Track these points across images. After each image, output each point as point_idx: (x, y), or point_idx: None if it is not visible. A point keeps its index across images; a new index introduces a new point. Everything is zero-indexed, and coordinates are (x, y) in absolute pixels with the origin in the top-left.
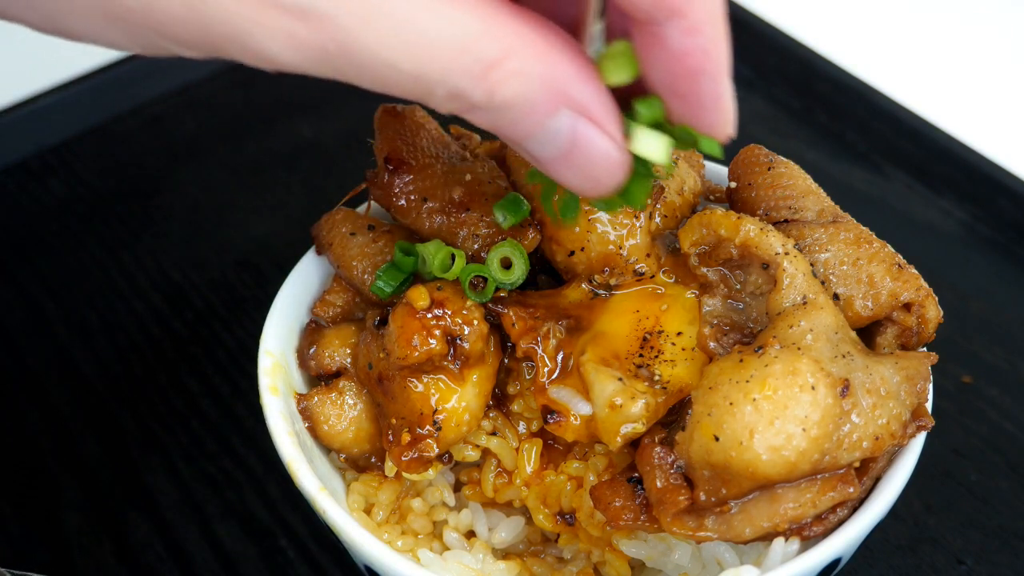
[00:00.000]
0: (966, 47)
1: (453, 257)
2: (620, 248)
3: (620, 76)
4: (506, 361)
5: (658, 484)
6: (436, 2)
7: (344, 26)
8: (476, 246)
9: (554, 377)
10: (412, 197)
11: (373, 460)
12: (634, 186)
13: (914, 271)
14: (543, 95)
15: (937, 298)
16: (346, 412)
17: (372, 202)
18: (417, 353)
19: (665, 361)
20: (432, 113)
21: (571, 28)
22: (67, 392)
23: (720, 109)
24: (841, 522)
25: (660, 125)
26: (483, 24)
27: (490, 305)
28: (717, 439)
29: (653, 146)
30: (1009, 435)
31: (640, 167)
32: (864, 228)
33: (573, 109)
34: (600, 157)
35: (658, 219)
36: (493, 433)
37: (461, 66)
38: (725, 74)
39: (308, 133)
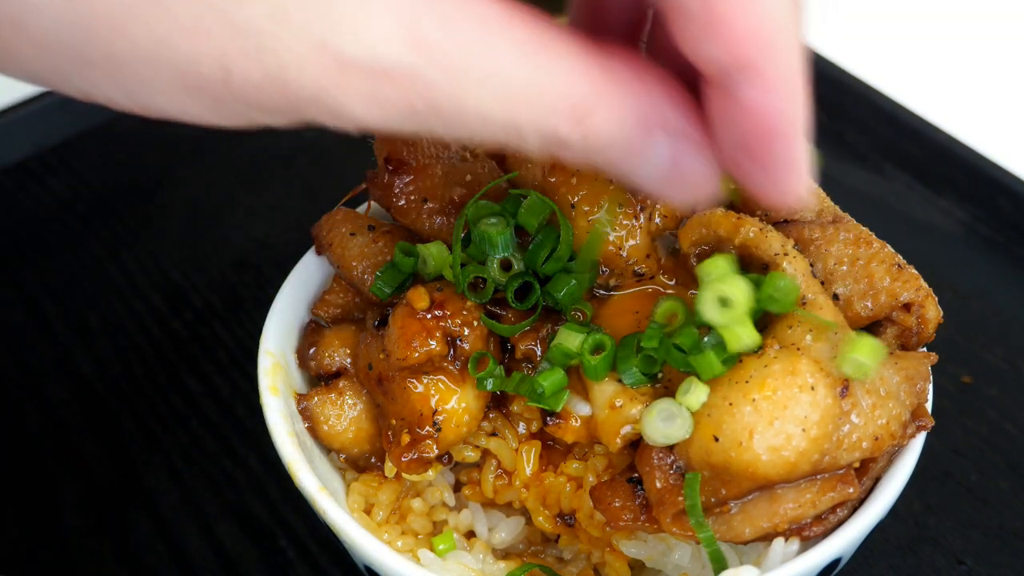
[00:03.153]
0: (966, 47)
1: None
2: (620, 249)
3: None
4: (506, 361)
5: (658, 484)
6: (523, 50)
7: (432, 82)
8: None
9: None
10: (412, 197)
11: (373, 460)
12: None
13: (914, 271)
14: (638, 131)
15: (937, 298)
16: (346, 412)
17: (372, 202)
18: (417, 354)
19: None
20: None
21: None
22: (67, 392)
23: (792, 173)
24: (841, 522)
25: None
26: (572, 68)
27: (489, 307)
28: (717, 439)
29: None
30: (1009, 435)
31: None
32: (864, 228)
33: (669, 133)
34: (701, 171)
35: (658, 219)
36: (493, 434)
37: (555, 112)
38: (800, 136)
39: (308, 133)
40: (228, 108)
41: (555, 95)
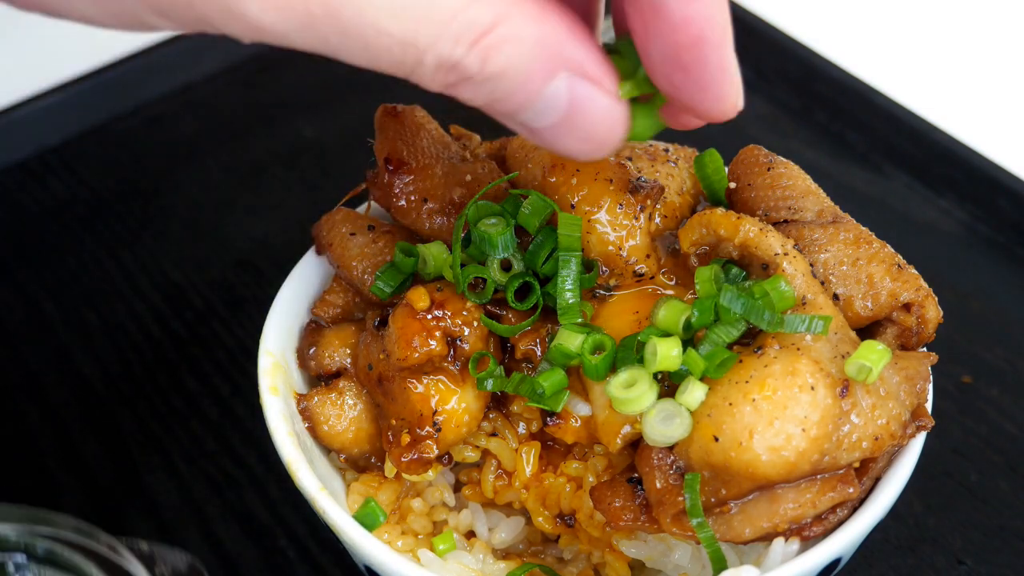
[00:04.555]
0: (966, 47)
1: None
2: (620, 249)
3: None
4: (506, 362)
5: (658, 485)
6: None
7: None
8: None
9: None
10: (412, 198)
11: (373, 460)
12: (637, 121)
13: (914, 271)
14: (539, 59)
15: (937, 298)
16: (346, 412)
17: (372, 202)
18: (417, 354)
19: None
20: (432, 113)
21: (583, 16)
22: (67, 392)
23: (727, 80)
24: (841, 522)
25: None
26: None
27: (489, 307)
28: (717, 439)
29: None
30: (1009, 435)
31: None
32: (864, 228)
33: (570, 70)
34: (601, 115)
35: (658, 220)
36: (493, 434)
37: (453, 31)
38: (729, 43)
39: (308, 133)
40: (116, 3)
41: (454, 13)
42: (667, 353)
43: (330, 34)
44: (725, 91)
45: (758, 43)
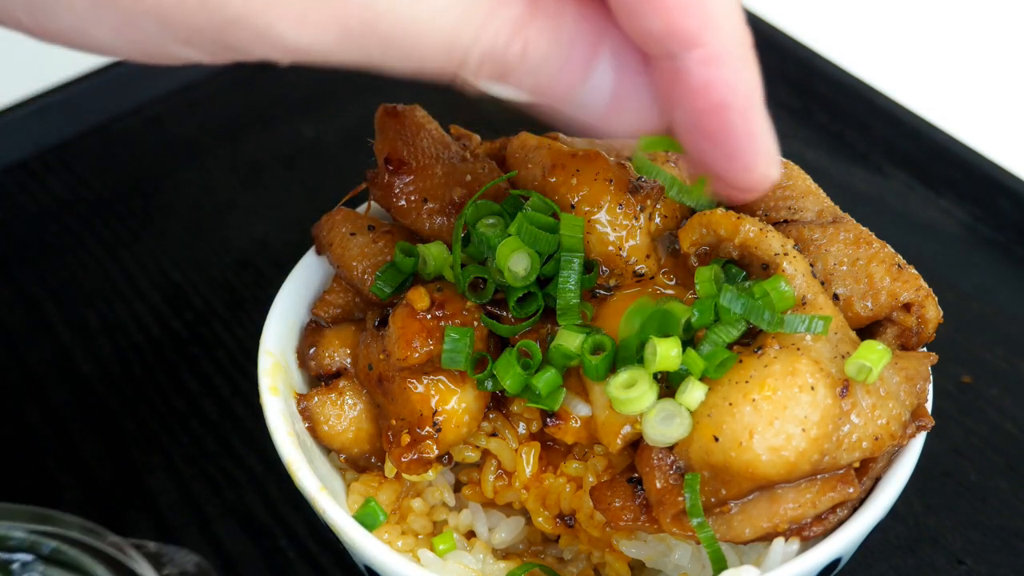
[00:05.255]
0: (966, 47)
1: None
2: (620, 249)
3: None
4: None
5: (658, 485)
6: None
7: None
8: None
9: None
10: (412, 198)
11: (373, 460)
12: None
13: (914, 271)
14: (578, 44)
15: (937, 298)
16: (346, 412)
17: (372, 202)
18: (417, 354)
19: None
20: (432, 113)
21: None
22: (67, 392)
23: (754, 149)
24: (841, 522)
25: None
26: None
27: (489, 307)
28: (717, 440)
29: None
30: (1009, 435)
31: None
32: (864, 228)
33: (612, 55)
34: (641, 103)
35: (658, 219)
36: (493, 434)
37: (494, 26)
38: (757, 108)
39: (308, 133)
40: (139, 30)
41: (492, 7)
42: (667, 353)
43: (370, 46)
44: (752, 160)
45: (758, 43)
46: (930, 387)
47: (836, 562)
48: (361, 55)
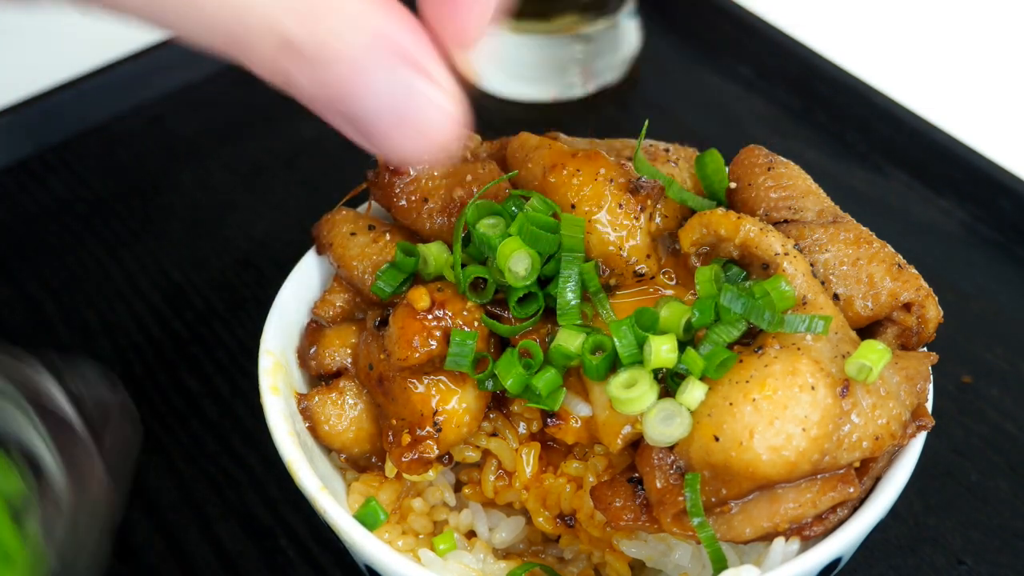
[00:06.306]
0: (966, 47)
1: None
2: (620, 249)
3: None
4: None
5: (658, 484)
6: None
7: None
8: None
9: None
10: (413, 197)
11: (373, 460)
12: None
13: (914, 271)
14: (376, 47)
15: (937, 298)
16: (346, 412)
17: (372, 202)
18: (418, 354)
19: None
20: None
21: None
22: None
23: (473, 10)
24: (841, 522)
25: None
26: None
27: (489, 307)
28: (717, 439)
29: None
30: (1009, 435)
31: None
32: (864, 228)
33: (407, 62)
34: (435, 111)
35: (658, 219)
36: (493, 434)
37: (291, 6)
38: None
39: (308, 133)
40: None
41: None
42: (659, 348)
43: (162, 9)
44: (466, 22)
45: (758, 43)
46: (930, 387)
47: (836, 562)
48: (156, 11)
